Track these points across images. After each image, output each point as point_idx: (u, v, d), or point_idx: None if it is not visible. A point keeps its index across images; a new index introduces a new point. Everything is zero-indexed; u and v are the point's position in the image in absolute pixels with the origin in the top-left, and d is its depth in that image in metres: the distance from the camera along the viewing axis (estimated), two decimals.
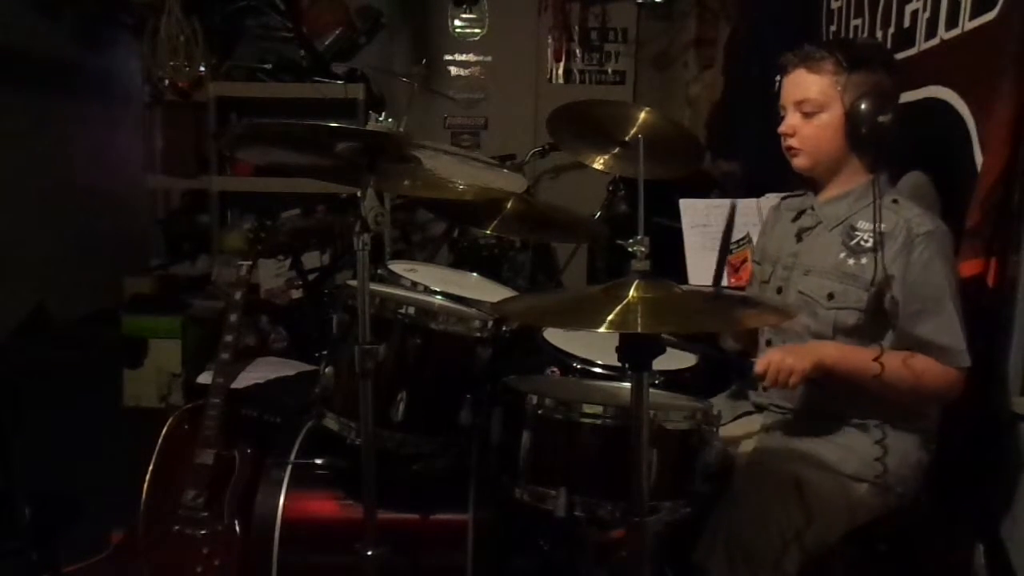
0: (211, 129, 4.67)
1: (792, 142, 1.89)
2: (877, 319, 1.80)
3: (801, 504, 1.76)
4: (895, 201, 1.82)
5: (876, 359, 1.69)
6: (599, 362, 1.97)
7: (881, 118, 1.78)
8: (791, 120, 1.88)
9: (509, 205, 2.26)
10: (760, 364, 1.76)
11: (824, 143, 1.86)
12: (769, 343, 1.97)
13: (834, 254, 1.85)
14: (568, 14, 5.14)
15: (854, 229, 1.84)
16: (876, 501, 1.82)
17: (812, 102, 1.84)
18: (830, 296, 1.83)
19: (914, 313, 1.75)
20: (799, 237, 1.95)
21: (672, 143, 2.08)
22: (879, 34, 2.50)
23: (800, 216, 1.98)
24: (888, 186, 1.88)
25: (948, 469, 1.90)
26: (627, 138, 2.09)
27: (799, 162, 1.91)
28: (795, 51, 1.88)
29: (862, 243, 1.81)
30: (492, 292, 2.13)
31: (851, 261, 1.82)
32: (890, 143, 1.82)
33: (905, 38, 2.32)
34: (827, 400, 1.86)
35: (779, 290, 1.95)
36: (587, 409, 1.63)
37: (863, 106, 1.78)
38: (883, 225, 1.78)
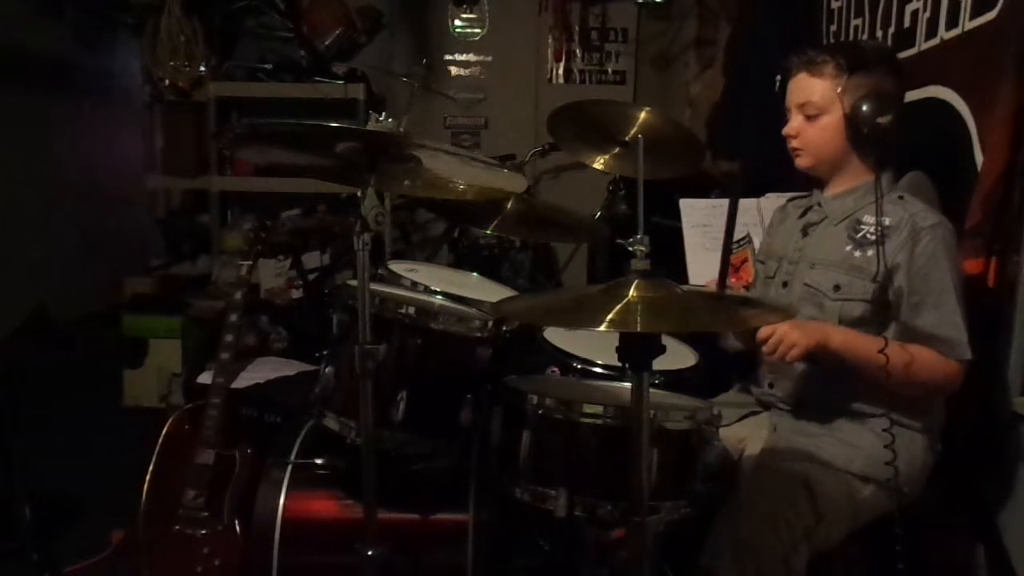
0: (211, 129, 4.67)
1: (795, 143, 1.94)
2: (882, 310, 1.81)
3: (810, 503, 1.76)
4: (900, 197, 1.85)
5: (881, 351, 1.68)
6: (599, 362, 1.97)
7: (880, 119, 1.81)
8: (794, 123, 1.93)
9: (509, 205, 2.26)
10: (764, 329, 1.74)
11: (826, 144, 1.90)
12: None
13: (840, 247, 1.87)
14: (568, 14, 5.13)
15: (860, 223, 1.86)
16: (880, 501, 1.82)
17: (813, 105, 1.88)
18: (836, 288, 1.85)
19: (916, 304, 1.77)
20: (805, 232, 1.97)
21: (672, 143, 2.08)
22: (879, 34, 2.50)
23: (807, 212, 2.00)
24: (892, 184, 1.92)
25: (949, 468, 1.90)
26: (627, 138, 2.09)
27: (801, 162, 1.96)
28: (798, 54, 1.91)
29: (868, 236, 1.83)
30: (492, 292, 2.12)
31: (857, 253, 1.84)
32: (894, 142, 1.84)
33: (905, 38, 2.32)
34: (831, 394, 1.87)
35: (785, 284, 1.97)
36: (587, 409, 1.63)
37: (863, 108, 1.82)
38: (888, 219, 1.81)
